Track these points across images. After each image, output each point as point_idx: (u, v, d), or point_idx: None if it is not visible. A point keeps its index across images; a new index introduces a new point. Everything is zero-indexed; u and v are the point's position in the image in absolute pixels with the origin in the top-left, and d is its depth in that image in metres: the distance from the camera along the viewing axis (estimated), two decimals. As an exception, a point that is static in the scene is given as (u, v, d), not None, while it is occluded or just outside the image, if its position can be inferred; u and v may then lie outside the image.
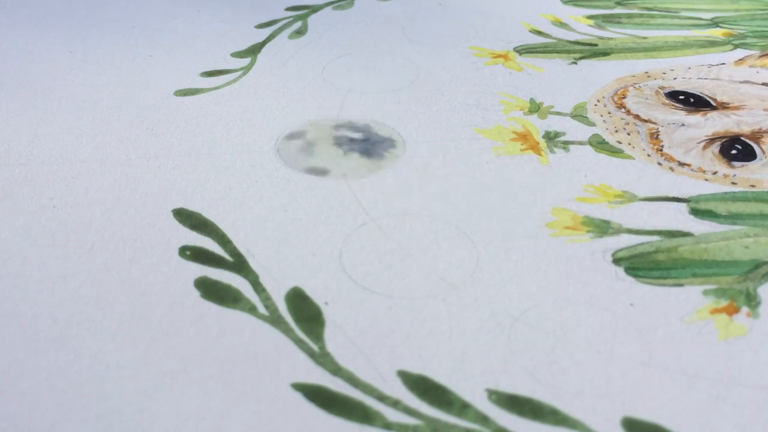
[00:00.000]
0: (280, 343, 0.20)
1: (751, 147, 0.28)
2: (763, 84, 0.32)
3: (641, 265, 0.23)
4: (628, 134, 0.29)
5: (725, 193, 0.26)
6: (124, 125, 0.30)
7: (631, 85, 0.32)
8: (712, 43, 0.35)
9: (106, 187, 0.26)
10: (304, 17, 0.39)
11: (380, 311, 0.21)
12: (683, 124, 0.30)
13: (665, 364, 0.20)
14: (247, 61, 0.35)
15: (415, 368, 0.20)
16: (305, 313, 0.21)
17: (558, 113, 0.30)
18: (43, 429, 0.18)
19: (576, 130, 0.29)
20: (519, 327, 0.21)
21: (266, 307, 0.21)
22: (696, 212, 0.25)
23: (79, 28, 0.38)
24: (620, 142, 0.29)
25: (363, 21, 0.37)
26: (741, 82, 0.32)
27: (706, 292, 0.22)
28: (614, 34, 0.36)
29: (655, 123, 0.30)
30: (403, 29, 0.37)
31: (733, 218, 0.25)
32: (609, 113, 0.30)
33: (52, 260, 0.23)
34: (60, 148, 0.28)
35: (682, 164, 0.27)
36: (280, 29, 0.38)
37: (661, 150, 0.28)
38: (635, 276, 0.22)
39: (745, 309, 0.21)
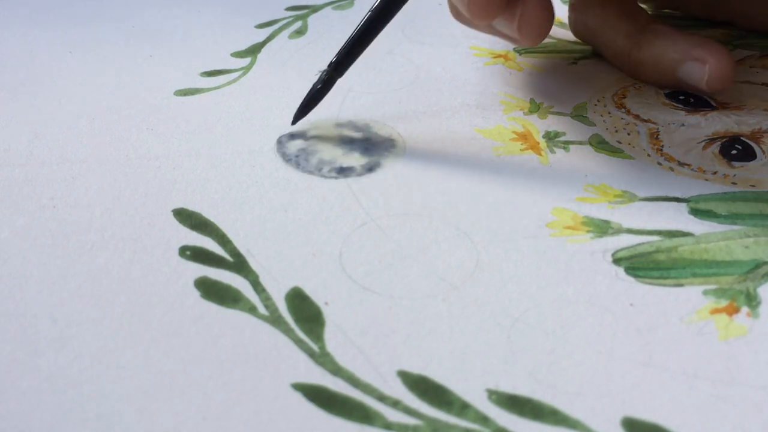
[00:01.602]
0: (280, 343, 0.20)
1: (751, 147, 0.28)
2: (763, 84, 0.32)
3: (641, 265, 0.23)
4: (628, 134, 0.29)
5: (725, 193, 0.26)
6: (124, 125, 0.30)
7: (631, 85, 0.32)
8: (712, 43, 0.35)
9: (106, 187, 0.26)
10: (304, 17, 0.39)
11: (380, 311, 0.21)
12: (683, 124, 0.30)
13: (665, 364, 0.20)
14: (247, 61, 0.35)
15: (415, 368, 0.20)
16: (305, 313, 0.21)
17: (558, 113, 0.30)
18: (43, 429, 0.18)
19: (576, 130, 0.29)
20: (519, 327, 0.21)
21: (266, 307, 0.21)
22: (696, 212, 0.25)
23: (79, 28, 0.38)
24: (620, 142, 0.29)
25: (363, 21, 0.37)
26: (741, 82, 0.32)
27: (706, 292, 0.22)
28: (614, 34, 0.36)
29: (655, 123, 0.30)
30: (403, 29, 0.37)
31: (733, 218, 0.25)
32: (609, 113, 0.30)
33: (52, 260, 0.23)
34: (60, 148, 0.28)
35: (682, 164, 0.27)
36: (280, 29, 0.38)
37: (661, 150, 0.28)
38: (635, 276, 0.22)
39: (745, 309, 0.21)
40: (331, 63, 0.29)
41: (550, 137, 0.29)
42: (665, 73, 0.31)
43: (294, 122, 0.29)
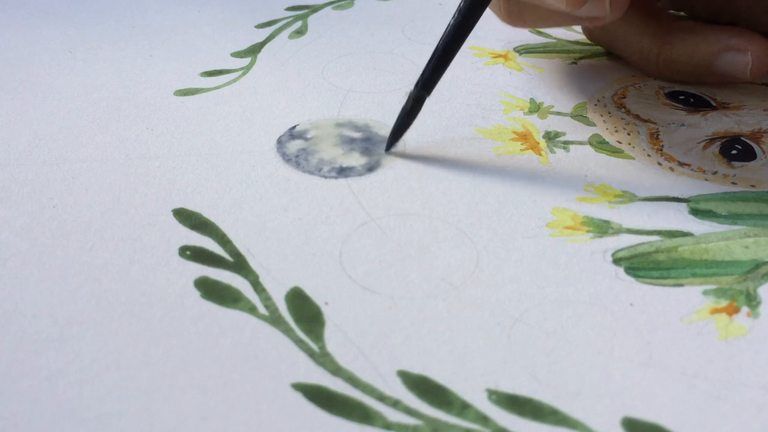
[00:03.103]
0: (280, 343, 0.20)
1: (751, 147, 0.28)
2: (763, 84, 0.32)
3: (641, 265, 0.23)
4: (628, 134, 0.29)
5: (725, 193, 0.26)
6: (124, 125, 0.30)
7: (631, 85, 0.32)
8: (712, 43, 0.35)
9: (106, 187, 0.26)
10: (304, 17, 0.39)
11: (380, 311, 0.21)
12: (683, 124, 0.30)
13: (665, 364, 0.20)
14: (247, 61, 0.35)
15: (415, 368, 0.20)
16: (305, 313, 0.21)
17: (558, 113, 0.30)
18: (43, 429, 0.18)
19: (576, 130, 0.29)
20: (519, 327, 0.21)
21: (266, 307, 0.21)
22: (696, 212, 0.25)
23: (79, 28, 0.38)
24: (620, 142, 0.29)
25: (363, 21, 0.37)
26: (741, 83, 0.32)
27: (706, 292, 0.22)
28: (614, 34, 0.36)
29: (655, 123, 0.30)
30: (403, 29, 0.37)
31: (733, 218, 0.25)
32: (609, 113, 0.30)
33: (52, 260, 0.23)
34: (60, 148, 0.28)
35: (682, 164, 0.27)
36: (280, 29, 0.38)
37: (661, 150, 0.28)
38: (635, 276, 0.22)
39: (745, 309, 0.21)
40: (417, 82, 0.27)
41: (550, 137, 0.29)
42: (700, 68, 0.31)
43: (387, 149, 0.28)
